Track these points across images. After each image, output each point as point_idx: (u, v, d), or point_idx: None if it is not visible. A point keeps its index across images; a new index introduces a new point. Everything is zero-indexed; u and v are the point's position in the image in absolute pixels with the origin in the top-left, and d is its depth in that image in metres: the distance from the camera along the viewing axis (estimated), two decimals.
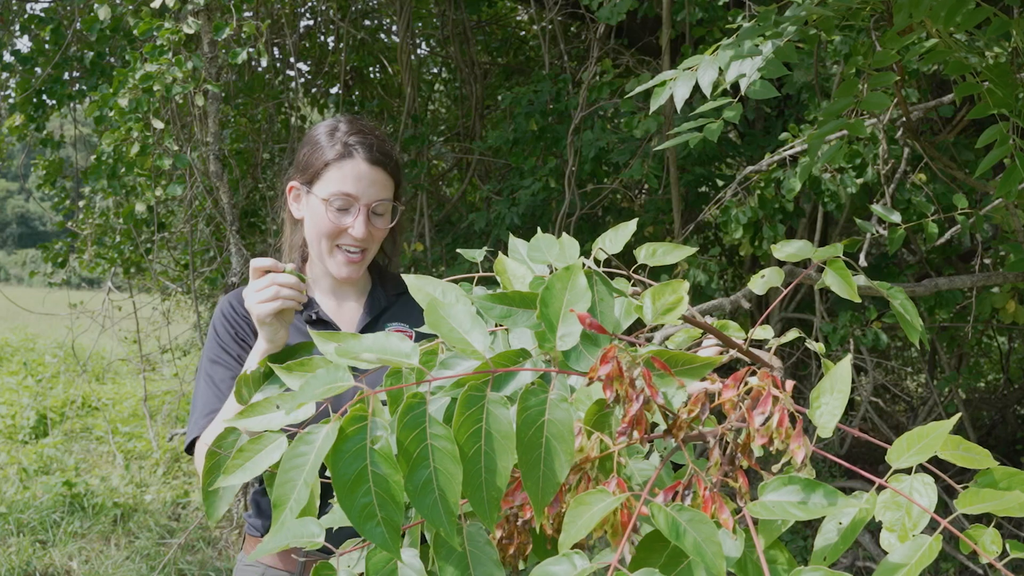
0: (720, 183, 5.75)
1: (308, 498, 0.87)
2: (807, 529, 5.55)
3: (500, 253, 1.20)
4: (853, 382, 5.84)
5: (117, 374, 10.84)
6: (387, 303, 2.26)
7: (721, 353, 1.67)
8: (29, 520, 6.09)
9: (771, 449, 0.89)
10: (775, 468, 0.91)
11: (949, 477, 1.50)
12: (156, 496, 6.72)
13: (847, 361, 0.95)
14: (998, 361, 7.14)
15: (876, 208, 2.97)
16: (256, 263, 1.87)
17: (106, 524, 6.19)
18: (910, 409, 7.18)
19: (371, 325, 2.21)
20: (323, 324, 2.18)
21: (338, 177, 2.10)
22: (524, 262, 1.19)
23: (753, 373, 0.93)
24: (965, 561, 4.72)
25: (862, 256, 3.87)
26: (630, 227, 1.28)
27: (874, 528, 5.23)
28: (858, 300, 1.10)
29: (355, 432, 0.88)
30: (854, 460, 6.06)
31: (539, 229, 1.26)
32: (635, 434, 0.89)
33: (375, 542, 0.88)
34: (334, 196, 2.10)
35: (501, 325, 1.06)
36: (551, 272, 1.17)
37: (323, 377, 0.88)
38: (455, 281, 1.19)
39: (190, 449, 2.06)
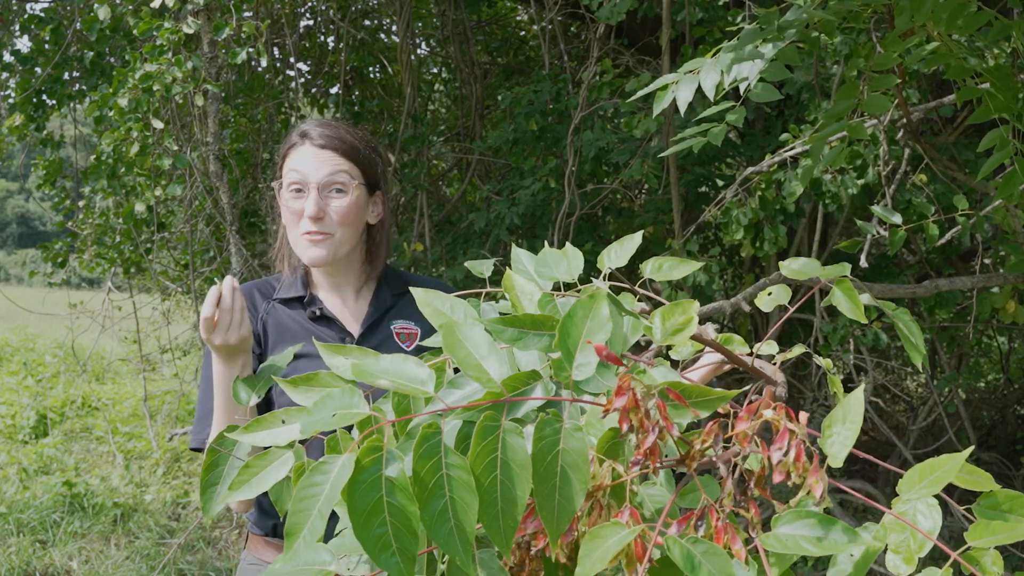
0: (720, 183, 5.75)
1: (322, 528, 0.87)
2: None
3: (507, 269, 1.20)
4: (852, 381, 5.84)
5: (117, 374, 10.83)
6: (392, 301, 2.26)
7: (722, 364, 1.68)
8: (29, 520, 6.09)
9: (788, 483, 0.89)
10: (792, 502, 0.91)
11: (952, 493, 1.50)
12: (156, 496, 6.72)
13: (860, 392, 0.95)
14: (998, 361, 7.14)
15: (877, 209, 2.98)
16: (205, 315, 1.87)
17: (106, 524, 6.19)
18: (910, 409, 7.19)
19: (376, 322, 2.22)
20: (326, 320, 2.19)
21: (291, 161, 2.15)
22: (531, 277, 1.18)
23: (761, 398, 0.92)
24: (965, 563, 4.71)
25: (863, 257, 3.87)
26: (635, 240, 1.28)
27: None
28: (864, 321, 1.10)
29: (371, 463, 0.88)
30: (855, 458, 6.06)
31: (539, 230, 1.26)
32: (649, 464, 0.89)
33: (390, 572, 0.88)
34: (288, 180, 2.14)
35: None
36: (554, 288, 1.17)
37: (338, 399, 0.88)
38: (463, 296, 1.19)
39: (199, 449, 2.08)
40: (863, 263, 3.86)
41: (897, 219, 3.33)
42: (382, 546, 0.88)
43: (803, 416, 0.91)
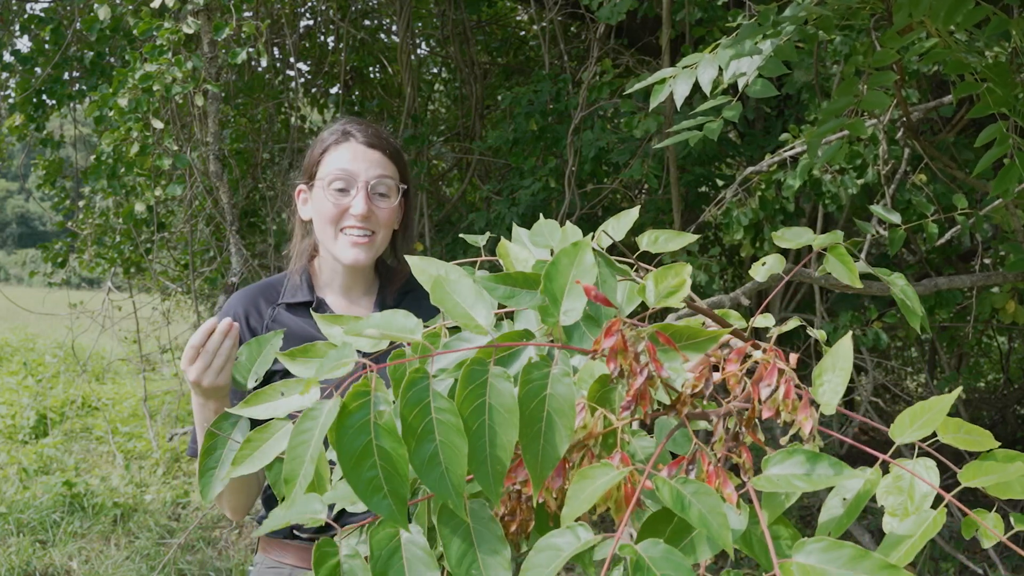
0: (720, 183, 5.76)
1: (315, 472, 0.87)
2: (806, 519, 5.56)
3: (503, 239, 1.21)
4: (853, 382, 5.85)
5: (117, 374, 10.82)
6: (394, 303, 2.22)
7: None
8: (29, 520, 6.08)
9: (778, 421, 0.89)
10: (783, 440, 0.91)
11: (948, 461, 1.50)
12: (156, 496, 6.72)
13: (848, 339, 0.96)
14: (998, 361, 7.14)
15: (876, 209, 2.98)
16: (192, 342, 1.82)
17: (106, 524, 6.19)
18: None
19: None
20: None
21: (335, 158, 2.11)
22: (527, 247, 1.19)
23: (755, 347, 0.93)
24: (965, 561, 4.72)
25: (862, 256, 3.88)
26: (632, 214, 1.28)
27: (875, 528, 5.23)
28: (859, 285, 1.10)
29: (358, 407, 0.88)
30: (854, 459, 6.05)
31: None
32: (639, 409, 0.89)
33: (382, 514, 0.88)
34: (332, 176, 2.09)
35: (504, 307, 1.06)
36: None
37: (333, 358, 0.88)
38: (459, 265, 1.20)
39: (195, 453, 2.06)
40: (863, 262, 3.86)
41: (896, 219, 3.34)
42: (373, 489, 0.88)
43: (793, 357, 0.91)
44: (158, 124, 4.82)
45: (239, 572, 5.53)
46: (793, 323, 1.17)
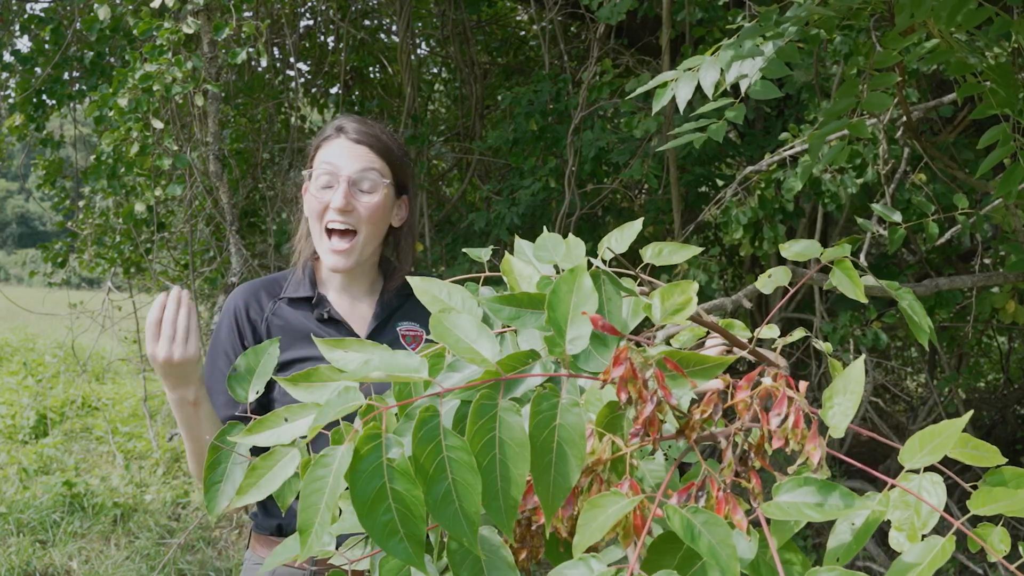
0: (720, 183, 5.75)
1: (330, 522, 0.87)
2: (809, 529, 5.56)
3: (506, 253, 1.20)
4: None
5: (117, 374, 10.82)
6: (398, 302, 2.24)
7: (727, 352, 1.68)
8: (29, 520, 6.08)
9: (786, 451, 0.89)
10: (791, 469, 0.90)
11: (954, 475, 1.50)
12: (156, 496, 6.71)
13: (860, 362, 0.95)
14: (998, 361, 7.14)
15: (877, 207, 2.98)
16: (150, 318, 1.86)
17: (106, 524, 6.19)
18: (910, 409, 7.19)
19: (382, 324, 2.21)
20: (334, 323, 2.18)
21: (325, 154, 2.14)
22: (530, 262, 1.18)
23: (763, 373, 0.92)
24: (965, 561, 4.72)
25: (862, 256, 3.88)
26: (635, 227, 1.27)
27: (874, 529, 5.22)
28: (865, 300, 1.10)
29: (370, 451, 0.88)
30: (854, 458, 6.06)
31: (539, 230, 1.27)
32: (648, 436, 0.89)
33: (400, 558, 0.88)
34: (319, 171, 2.13)
35: (509, 326, 1.05)
36: (557, 272, 1.17)
37: (336, 403, 0.88)
38: (459, 281, 1.19)
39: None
40: (862, 262, 3.86)
41: (897, 217, 3.34)
42: (389, 532, 0.87)
43: (802, 385, 0.91)
44: (158, 124, 4.81)
45: (239, 572, 5.54)
46: (798, 334, 1.17)
